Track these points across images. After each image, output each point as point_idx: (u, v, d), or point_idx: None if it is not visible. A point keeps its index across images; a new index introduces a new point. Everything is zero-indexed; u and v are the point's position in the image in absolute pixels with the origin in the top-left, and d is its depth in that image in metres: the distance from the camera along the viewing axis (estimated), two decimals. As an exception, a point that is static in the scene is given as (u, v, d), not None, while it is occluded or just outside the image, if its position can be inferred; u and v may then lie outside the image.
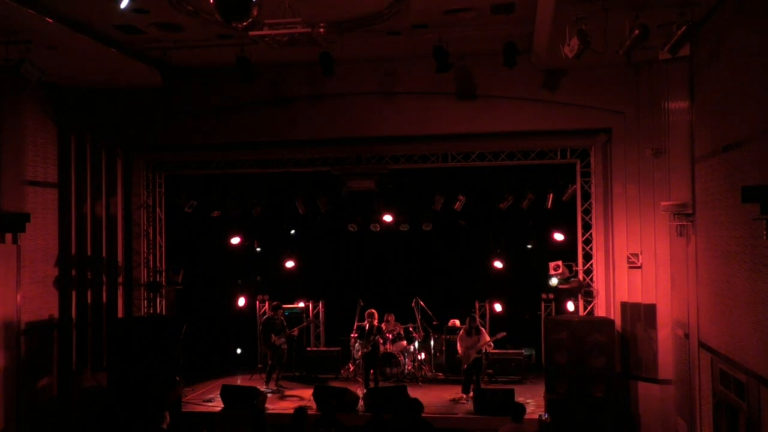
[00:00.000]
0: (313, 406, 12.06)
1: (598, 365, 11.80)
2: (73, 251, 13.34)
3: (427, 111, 12.79)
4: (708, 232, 9.36)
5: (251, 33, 9.06)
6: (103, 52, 11.24)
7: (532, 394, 13.34)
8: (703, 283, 9.65)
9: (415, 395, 10.42)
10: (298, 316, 15.59)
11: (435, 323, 15.26)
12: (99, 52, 11.17)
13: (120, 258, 14.02)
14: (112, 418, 12.25)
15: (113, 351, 13.13)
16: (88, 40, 10.70)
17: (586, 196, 13.39)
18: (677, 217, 10.54)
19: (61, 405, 12.89)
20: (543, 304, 14.58)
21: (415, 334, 14.78)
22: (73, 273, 13.35)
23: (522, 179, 14.95)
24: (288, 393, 13.94)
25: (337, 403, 11.38)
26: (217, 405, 12.64)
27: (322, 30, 9.38)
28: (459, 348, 13.48)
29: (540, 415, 11.34)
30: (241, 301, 16.73)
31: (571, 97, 12.32)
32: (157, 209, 14.83)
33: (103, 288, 13.78)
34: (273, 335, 14.34)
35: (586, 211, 13.41)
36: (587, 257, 13.45)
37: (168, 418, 9.17)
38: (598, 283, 13.06)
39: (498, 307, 15.57)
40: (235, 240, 16.72)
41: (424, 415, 9.30)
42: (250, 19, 7.65)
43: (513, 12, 10.24)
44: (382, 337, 14.07)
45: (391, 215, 16.20)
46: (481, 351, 13.38)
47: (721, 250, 8.73)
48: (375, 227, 16.52)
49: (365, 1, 9.86)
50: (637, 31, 8.45)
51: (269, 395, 13.19)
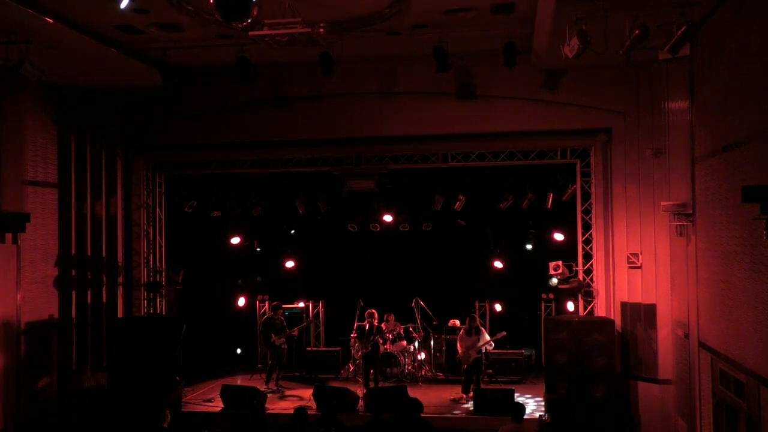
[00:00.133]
0: (313, 406, 12.05)
1: (598, 365, 11.81)
2: (73, 251, 13.35)
3: (427, 111, 12.79)
4: (708, 232, 9.35)
5: (251, 33, 9.08)
6: (103, 52, 11.25)
7: (532, 394, 13.37)
8: (703, 283, 9.65)
9: (415, 395, 10.40)
10: (298, 316, 15.59)
11: (435, 323, 15.25)
12: (99, 52, 11.17)
13: (120, 258, 14.03)
14: (112, 418, 12.25)
15: (113, 351, 13.14)
16: (88, 40, 10.70)
17: (586, 196, 13.39)
18: (677, 217, 10.54)
19: (61, 405, 12.89)
20: (543, 304, 14.59)
21: (415, 334, 14.77)
22: (73, 273, 13.36)
23: (522, 179, 14.95)
24: (288, 393, 13.94)
25: (337, 403, 11.37)
26: (217, 405, 12.63)
27: (322, 30, 9.39)
28: (459, 348, 13.48)
29: (540, 415, 11.37)
30: (241, 301, 16.73)
31: (571, 97, 12.33)
32: (157, 209, 14.83)
33: (103, 288, 13.78)
34: (273, 335, 14.34)
35: (586, 211, 13.41)
36: (587, 257, 13.45)
37: (169, 416, 9.14)
38: (598, 283, 13.06)
39: (498, 307, 15.58)
40: (235, 240, 16.71)
41: (424, 415, 9.28)
42: (250, 19, 7.66)
43: (513, 12, 10.25)
44: (382, 337, 14.06)
45: (391, 215, 16.19)
46: (481, 351, 13.38)
47: (721, 250, 8.73)
48: (375, 227, 16.51)
49: (365, 1, 9.85)
50: (637, 31, 8.45)
51: (269, 395, 13.18)
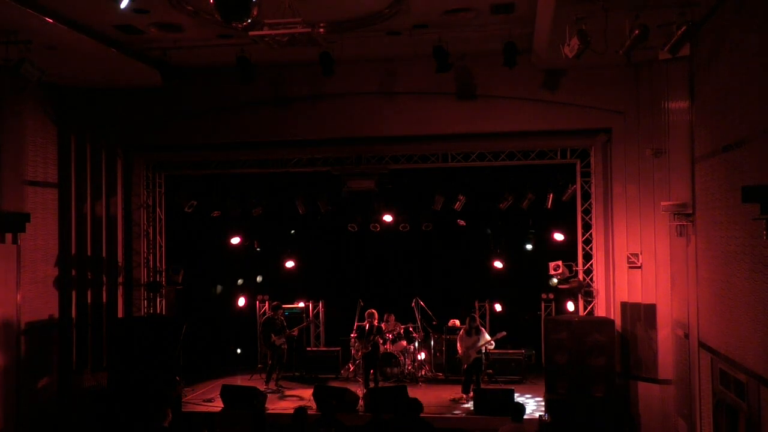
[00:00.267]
0: (313, 406, 12.04)
1: (598, 365, 11.81)
2: (73, 251, 13.36)
3: (427, 111, 12.79)
4: (708, 232, 9.35)
5: (251, 33, 9.08)
6: (103, 52, 11.25)
7: (532, 394, 13.36)
8: (703, 283, 9.65)
9: (415, 395, 10.39)
10: (298, 316, 15.58)
11: (435, 323, 15.24)
12: (99, 52, 11.17)
13: (120, 258, 14.03)
14: (112, 418, 12.24)
15: (113, 351, 13.14)
16: (88, 40, 10.70)
17: (586, 196, 13.39)
18: (677, 217, 10.54)
19: (61, 405, 12.89)
20: (543, 304, 14.59)
21: (415, 334, 14.76)
22: (73, 273, 13.36)
23: (522, 179, 14.94)
24: (288, 393, 13.93)
25: (337, 403, 11.39)
26: (217, 405, 12.63)
27: (322, 30, 9.40)
28: (459, 348, 13.48)
29: (540, 415, 11.37)
30: (241, 301, 16.73)
31: (571, 97, 12.33)
32: (157, 209, 14.84)
33: (103, 288, 13.79)
34: (273, 335, 14.33)
35: (586, 211, 13.41)
36: (587, 257, 13.45)
37: (170, 415, 9.12)
38: (598, 283, 13.06)
39: (498, 307, 15.56)
40: (235, 240, 16.70)
41: (424, 415, 9.28)
42: (250, 19, 7.66)
43: (513, 12, 10.25)
44: (382, 337, 14.05)
45: (391, 215, 16.19)
46: (481, 351, 13.37)
47: (721, 250, 8.73)
48: (375, 227, 16.51)
49: (365, 1, 9.86)
50: (637, 31, 8.45)
51: (269, 395, 13.15)
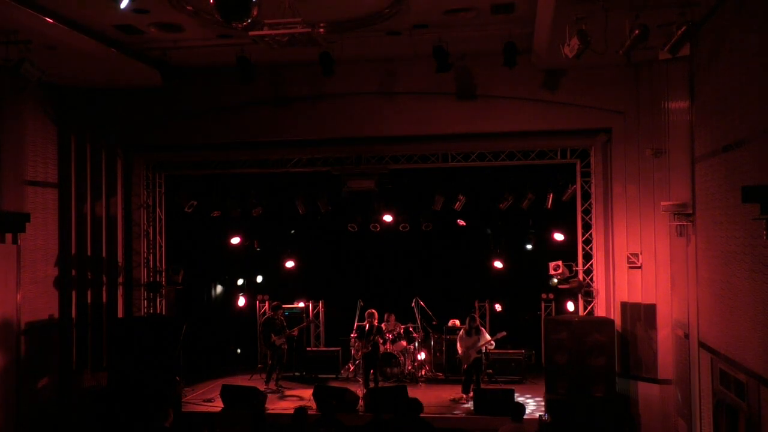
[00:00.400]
0: (313, 406, 12.04)
1: (598, 365, 11.82)
2: (73, 251, 13.35)
3: (427, 111, 12.79)
4: (708, 232, 9.35)
5: (251, 33, 9.07)
6: (103, 52, 11.25)
7: (532, 394, 13.36)
8: (703, 283, 9.64)
9: (415, 395, 10.39)
10: (298, 316, 15.57)
11: (435, 323, 15.25)
12: (99, 52, 11.17)
13: (120, 258, 14.03)
14: (112, 418, 12.24)
15: (113, 351, 13.14)
16: (88, 40, 10.71)
17: (586, 196, 13.39)
18: (677, 217, 10.54)
19: (61, 405, 12.88)
20: (543, 304, 14.59)
21: (415, 334, 14.76)
22: (73, 273, 13.35)
23: (522, 179, 14.93)
24: (288, 393, 13.92)
25: (337, 403, 11.40)
26: (217, 405, 12.63)
27: (322, 30, 9.39)
28: (459, 348, 13.48)
29: (540, 415, 11.35)
30: (241, 301, 16.73)
31: (571, 97, 12.32)
32: (157, 209, 14.83)
33: (103, 288, 13.78)
34: (273, 335, 14.32)
35: (586, 211, 13.41)
36: (587, 257, 13.45)
37: (171, 415, 9.09)
38: (598, 283, 13.06)
39: (498, 307, 15.56)
40: (235, 240, 16.71)
41: (424, 415, 9.28)
42: (250, 19, 7.66)
43: (513, 12, 10.25)
44: (382, 337, 14.05)
45: (391, 215, 16.19)
46: (481, 351, 13.37)
47: (721, 250, 8.72)
48: (375, 227, 16.51)
49: (365, 1, 9.86)
50: (637, 31, 8.44)
51: (269, 395, 13.15)
